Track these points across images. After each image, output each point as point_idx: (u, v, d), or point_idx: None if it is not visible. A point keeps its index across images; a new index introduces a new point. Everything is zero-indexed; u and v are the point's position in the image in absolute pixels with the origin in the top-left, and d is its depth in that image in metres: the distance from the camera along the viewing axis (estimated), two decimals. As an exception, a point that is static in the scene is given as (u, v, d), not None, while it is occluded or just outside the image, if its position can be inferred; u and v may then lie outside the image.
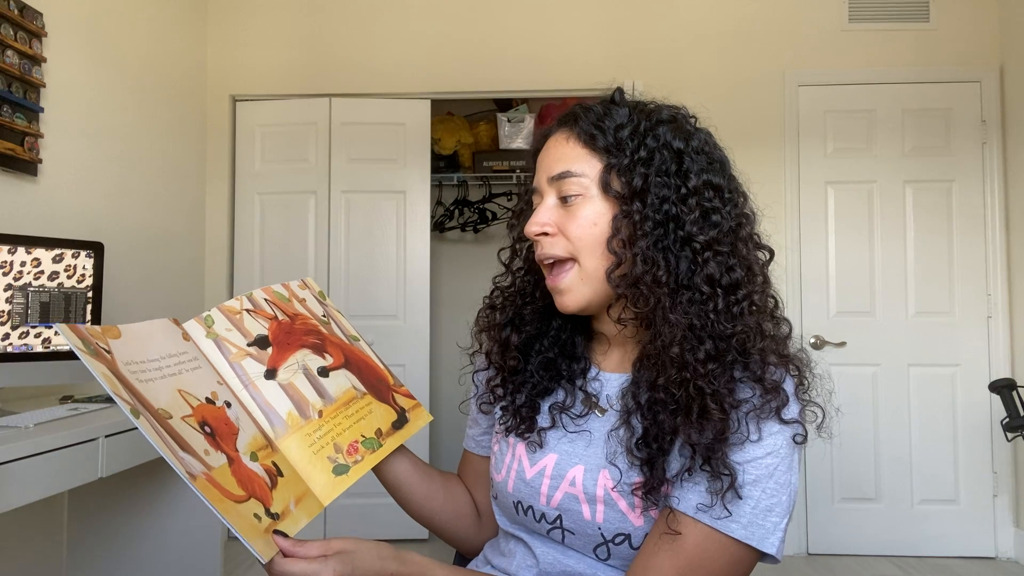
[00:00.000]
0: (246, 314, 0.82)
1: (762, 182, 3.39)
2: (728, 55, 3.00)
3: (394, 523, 2.88)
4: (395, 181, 3.08)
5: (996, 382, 2.34)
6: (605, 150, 0.73)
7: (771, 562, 0.68)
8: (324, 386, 0.81)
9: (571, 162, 0.74)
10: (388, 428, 0.84)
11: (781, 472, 0.67)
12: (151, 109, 2.68)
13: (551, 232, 0.75)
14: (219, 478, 0.64)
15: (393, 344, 3.01)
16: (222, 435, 0.69)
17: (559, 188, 0.75)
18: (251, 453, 0.70)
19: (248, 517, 0.63)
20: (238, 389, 0.75)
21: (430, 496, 0.88)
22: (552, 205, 0.76)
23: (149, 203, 2.66)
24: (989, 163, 2.89)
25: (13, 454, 1.25)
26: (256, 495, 0.66)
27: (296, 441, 0.75)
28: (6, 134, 1.94)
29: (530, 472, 0.79)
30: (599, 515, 0.73)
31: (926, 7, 2.95)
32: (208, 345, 0.76)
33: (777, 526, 0.67)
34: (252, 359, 0.78)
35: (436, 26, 3.08)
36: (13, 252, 1.63)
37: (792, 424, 0.68)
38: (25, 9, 2.01)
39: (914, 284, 2.91)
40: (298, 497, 0.71)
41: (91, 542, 2.10)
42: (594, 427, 0.78)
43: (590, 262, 0.73)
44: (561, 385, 0.82)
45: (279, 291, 0.87)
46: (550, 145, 0.78)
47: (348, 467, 0.76)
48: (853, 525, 2.88)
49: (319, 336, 0.86)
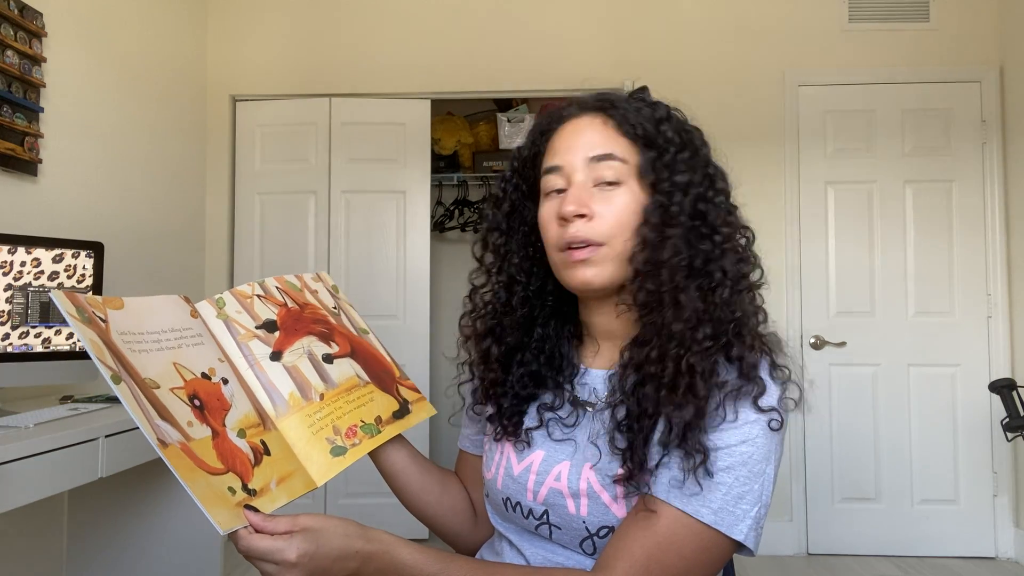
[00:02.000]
0: (256, 299, 0.84)
1: (762, 182, 3.38)
2: (728, 55, 3.00)
3: (394, 523, 2.87)
4: (395, 181, 3.08)
5: (996, 382, 2.34)
6: (645, 141, 0.75)
7: (747, 554, 0.69)
8: (327, 371, 0.83)
9: (612, 145, 0.75)
10: (388, 417, 0.85)
11: (755, 461, 0.68)
12: (151, 109, 2.68)
13: (588, 214, 0.74)
14: (197, 449, 0.66)
15: (393, 344, 2.97)
16: (211, 409, 0.71)
17: (596, 170, 0.75)
18: (239, 430, 0.72)
19: (218, 488, 0.64)
20: (243, 368, 0.77)
21: (426, 488, 0.88)
22: (590, 187, 0.76)
23: (149, 203, 2.66)
24: (989, 163, 2.89)
25: (13, 454, 1.25)
26: (236, 470, 0.68)
27: (296, 421, 0.77)
28: (6, 134, 1.94)
29: (517, 469, 0.81)
30: (583, 508, 0.74)
31: (926, 7, 2.95)
32: (217, 325, 0.79)
33: (747, 513, 0.67)
34: (259, 340, 0.81)
35: (436, 26, 3.08)
36: (13, 252, 1.63)
37: (768, 412, 0.69)
38: (25, 9, 2.01)
39: (914, 284, 2.91)
40: (282, 477, 0.72)
41: (91, 542, 2.10)
42: (578, 428, 0.79)
43: (618, 245, 0.75)
44: (548, 388, 0.83)
45: (291, 281, 0.90)
46: (581, 127, 0.78)
47: (346, 449, 0.78)
48: (853, 525, 2.88)
49: (327, 326, 0.88)
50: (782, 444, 0.72)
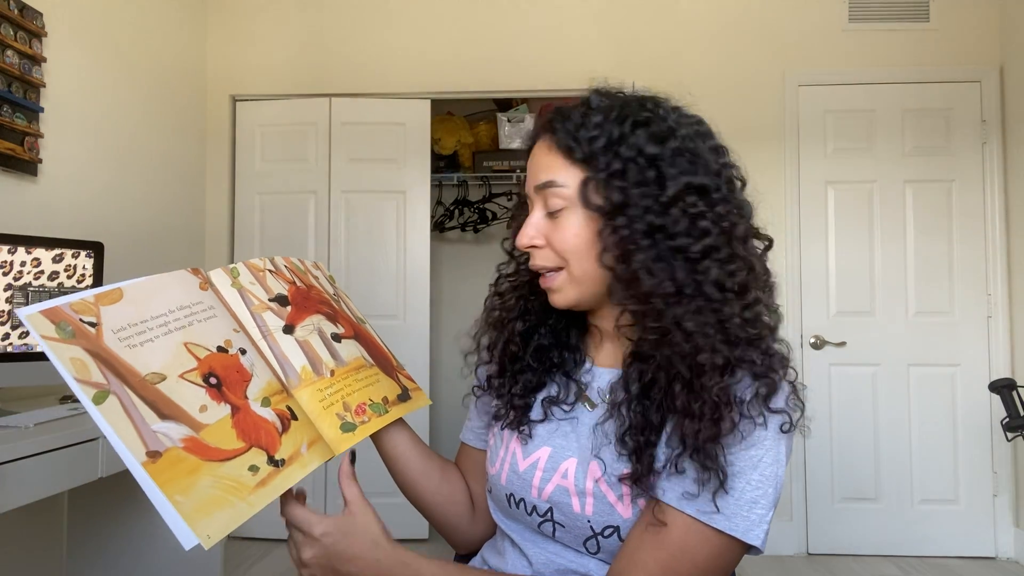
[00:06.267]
0: (268, 273, 0.85)
1: (762, 182, 3.39)
2: (728, 55, 3.00)
3: (397, 523, 2.87)
4: (395, 181, 3.08)
5: (996, 382, 2.34)
6: (583, 161, 0.72)
7: (755, 553, 0.69)
8: (337, 349, 0.84)
9: (554, 172, 0.74)
10: (394, 399, 0.86)
11: (766, 464, 0.67)
12: (151, 109, 2.68)
13: (540, 244, 0.76)
14: (210, 436, 0.65)
15: (393, 344, 2.97)
16: (231, 384, 0.70)
17: (544, 197, 0.76)
18: (264, 399, 0.72)
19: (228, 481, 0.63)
20: (257, 338, 0.78)
21: (426, 475, 0.88)
22: (540, 216, 0.77)
23: (149, 203, 2.66)
24: (989, 163, 2.89)
25: (13, 454, 1.25)
26: (260, 443, 0.68)
27: (308, 394, 0.77)
28: (6, 134, 1.94)
29: (523, 464, 0.81)
30: (588, 507, 0.74)
31: (926, 7, 2.95)
32: (232, 294, 0.79)
33: (763, 518, 0.67)
34: (272, 313, 0.81)
35: (436, 26, 3.08)
36: (13, 252, 1.63)
37: (779, 414, 0.68)
38: (25, 9, 2.01)
39: (914, 284, 2.91)
40: (312, 440, 0.73)
41: (91, 542, 2.10)
42: (585, 421, 0.79)
43: (578, 267, 0.75)
44: (555, 379, 0.84)
45: (296, 263, 0.91)
46: (535, 151, 0.78)
47: (355, 426, 0.78)
48: (853, 525, 2.88)
49: (332, 308, 0.90)
50: (791, 445, 0.71)
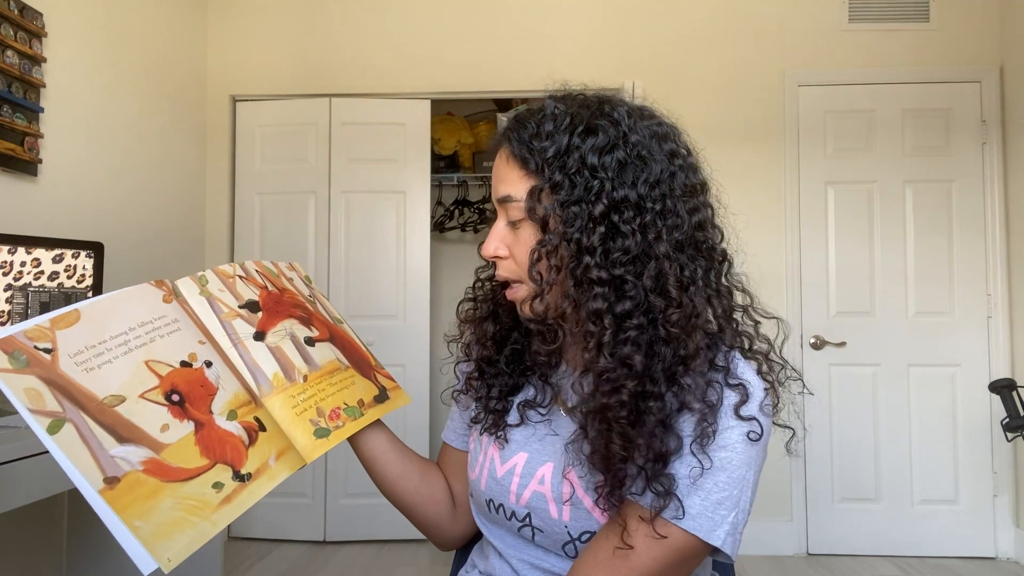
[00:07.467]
0: (238, 279, 0.84)
1: (762, 182, 3.38)
2: (728, 55, 3.00)
3: (394, 523, 2.89)
4: (395, 181, 3.08)
5: (996, 382, 2.34)
6: (536, 173, 0.71)
7: (724, 559, 0.68)
8: (310, 354, 0.83)
9: (510, 185, 0.73)
10: (370, 400, 0.85)
11: (735, 467, 0.67)
12: (151, 109, 2.68)
13: (503, 255, 0.76)
14: (172, 456, 0.64)
15: (393, 344, 3.01)
16: (195, 399, 0.69)
17: (505, 209, 0.75)
18: (229, 412, 0.71)
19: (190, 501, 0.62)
20: (226, 347, 0.77)
21: (405, 475, 0.88)
22: (503, 227, 0.77)
23: (149, 203, 2.66)
24: (989, 163, 2.89)
25: (13, 454, 1.25)
26: (226, 458, 0.67)
27: (280, 401, 0.77)
28: (6, 134, 1.94)
29: (501, 470, 0.81)
30: (565, 514, 0.74)
31: (926, 7, 2.95)
32: (200, 303, 0.78)
33: (725, 519, 0.66)
34: (242, 320, 0.80)
35: (436, 26, 3.08)
36: (13, 252, 1.63)
37: (748, 420, 0.67)
38: (25, 9, 2.01)
39: (914, 284, 2.91)
40: (280, 451, 0.72)
41: (91, 542, 2.10)
42: (561, 427, 0.79)
43: (532, 282, 0.74)
44: (531, 381, 0.84)
45: (269, 266, 0.90)
46: (496, 161, 0.77)
47: (329, 431, 0.78)
48: (853, 525, 2.88)
49: (306, 311, 0.88)
50: (766, 449, 0.70)
